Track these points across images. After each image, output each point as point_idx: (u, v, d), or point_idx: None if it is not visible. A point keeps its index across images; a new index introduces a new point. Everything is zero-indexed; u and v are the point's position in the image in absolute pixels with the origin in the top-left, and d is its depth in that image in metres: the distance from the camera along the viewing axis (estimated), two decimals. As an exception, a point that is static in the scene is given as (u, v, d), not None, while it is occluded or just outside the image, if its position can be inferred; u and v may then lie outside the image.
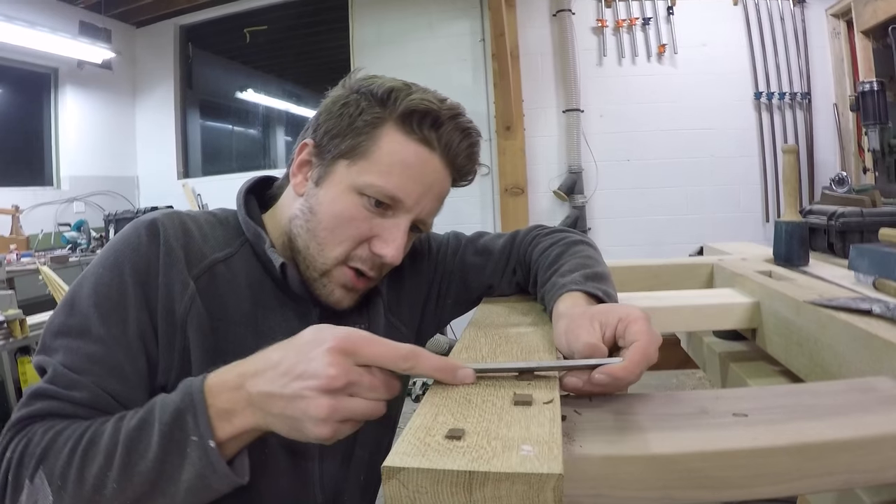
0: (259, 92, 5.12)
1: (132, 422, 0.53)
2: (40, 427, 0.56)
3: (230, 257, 0.72)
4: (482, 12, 4.02)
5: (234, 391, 0.51)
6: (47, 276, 2.77)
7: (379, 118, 0.70)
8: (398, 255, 0.71)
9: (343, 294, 0.74)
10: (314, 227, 0.71)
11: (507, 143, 3.93)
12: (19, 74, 4.13)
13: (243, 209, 0.76)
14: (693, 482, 0.42)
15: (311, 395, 0.47)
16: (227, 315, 0.69)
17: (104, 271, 0.64)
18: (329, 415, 0.47)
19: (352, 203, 0.69)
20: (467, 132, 0.73)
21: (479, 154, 0.77)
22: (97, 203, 4.47)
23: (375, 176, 0.68)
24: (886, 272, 0.85)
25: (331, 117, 0.72)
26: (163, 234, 0.67)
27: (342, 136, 0.70)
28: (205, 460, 0.50)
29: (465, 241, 0.93)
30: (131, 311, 0.63)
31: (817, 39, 3.82)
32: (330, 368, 0.46)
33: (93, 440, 0.53)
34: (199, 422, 0.50)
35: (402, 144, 0.69)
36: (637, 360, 0.50)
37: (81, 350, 0.60)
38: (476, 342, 0.64)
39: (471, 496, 0.36)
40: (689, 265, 1.14)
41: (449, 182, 0.76)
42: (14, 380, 2.98)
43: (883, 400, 0.49)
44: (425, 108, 0.69)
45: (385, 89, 0.70)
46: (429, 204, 0.73)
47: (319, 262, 0.71)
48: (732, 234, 3.78)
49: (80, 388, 0.58)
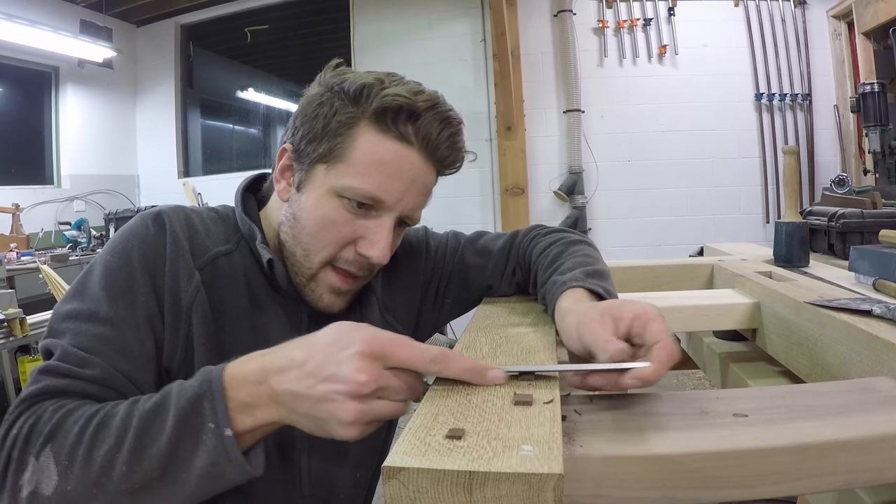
0: (260, 91, 5.12)
1: (146, 405, 0.52)
2: (51, 404, 0.55)
3: (230, 252, 0.73)
4: (483, 12, 4.02)
5: (256, 385, 0.51)
6: (47, 275, 2.77)
7: (353, 118, 0.68)
8: (384, 255, 0.70)
9: (332, 299, 0.74)
10: (298, 234, 0.71)
11: (508, 143, 3.93)
12: (20, 73, 4.13)
13: (240, 206, 0.77)
14: (693, 482, 0.42)
15: (340, 398, 0.47)
16: (226, 307, 0.70)
17: (112, 258, 0.65)
18: (357, 418, 0.47)
19: (332, 207, 0.69)
20: (447, 121, 0.71)
21: (463, 140, 0.75)
22: (97, 202, 4.48)
23: (353, 178, 0.68)
24: (887, 273, 0.85)
25: (307, 120, 0.71)
26: (169, 225, 0.68)
27: (318, 140, 0.69)
28: (220, 448, 0.49)
29: (464, 242, 0.93)
30: (140, 295, 0.64)
31: (818, 41, 3.82)
32: (360, 374, 0.46)
33: (104, 421, 0.52)
34: (217, 409, 0.50)
35: (378, 143, 0.68)
36: (665, 362, 0.49)
37: (91, 331, 0.60)
38: (476, 342, 0.64)
39: (471, 496, 0.36)
40: (690, 266, 1.14)
41: (433, 174, 0.74)
42: (14, 379, 2.97)
43: (883, 400, 0.49)
44: (399, 104, 0.67)
45: (357, 87, 0.68)
46: (412, 199, 0.72)
47: (306, 267, 0.72)
48: (733, 235, 3.78)
49: (90, 366, 0.58)
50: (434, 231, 0.96)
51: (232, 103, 5.25)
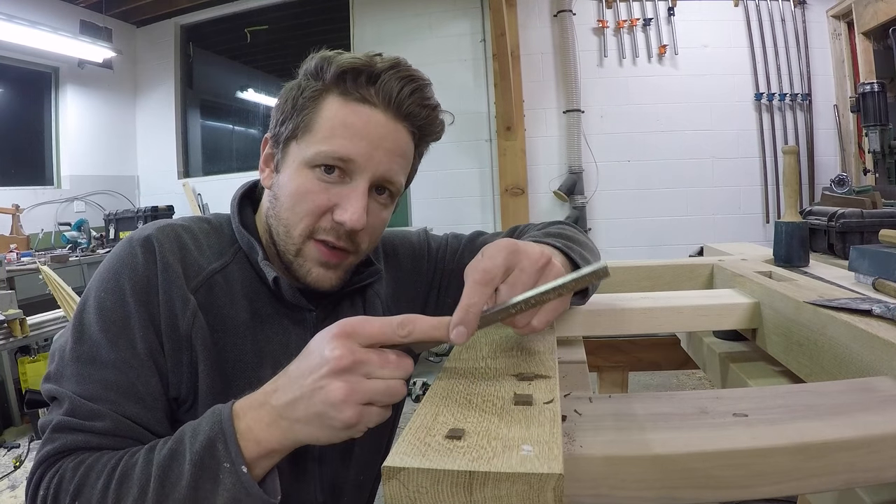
0: (260, 92, 5.12)
1: (163, 452, 0.54)
2: (70, 462, 0.57)
3: (226, 266, 0.72)
4: (483, 12, 4.02)
5: (259, 408, 0.53)
6: (47, 276, 2.77)
7: (317, 91, 0.70)
8: (359, 219, 0.68)
9: (321, 272, 0.72)
10: (279, 212, 0.72)
11: (508, 143, 3.93)
12: (20, 73, 4.13)
13: (237, 217, 0.76)
14: (693, 482, 0.42)
15: (326, 382, 0.48)
16: (225, 326, 0.69)
17: (106, 295, 0.65)
18: (347, 395, 0.48)
19: (306, 178, 0.69)
20: (409, 78, 0.70)
21: (433, 100, 0.73)
22: (97, 202, 4.48)
23: (319, 143, 0.68)
24: (886, 273, 0.85)
25: (279, 106, 0.73)
26: (158, 251, 0.67)
27: (289, 119, 0.71)
28: (238, 485, 0.51)
29: (464, 242, 0.94)
30: (137, 330, 0.63)
31: (818, 41, 3.82)
32: (335, 351, 0.48)
33: (126, 473, 0.54)
34: (231, 449, 0.52)
35: (341, 107, 0.69)
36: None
37: (94, 377, 0.61)
38: (476, 342, 0.64)
39: (471, 496, 0.35)
40: (690, 266, 1.14)
41: (404, 134, 0.72)
42: (14, 379, 2.98)
43: (883, 400, 0.49)
44: (355, 66, 0.68)
45: (317, 60, 0.70)
46: (384, 159, 0.70)
47: (290, 243, 0.71)
48: (733, 235, 3.78)
49: (100, 418, 0.59)
50: (434, 233, 0.96)
51: (232, 104, 5.25)
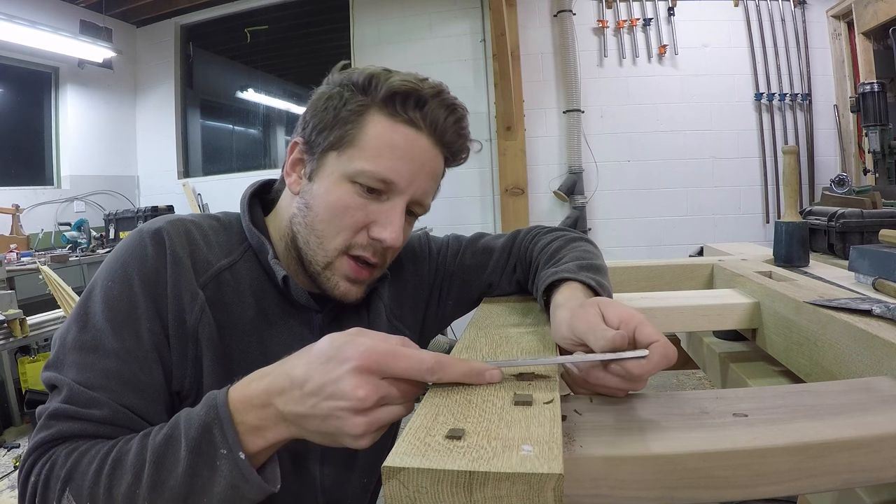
0: (260, 92, 5.12)
1: (157, 437, 0.53)
2: (63, 449, 0.56)
3: (234, 264, 0.72)
4: (483, 12, 4.02)
5: (262, 409, 0.51)
6: (47, 276, 2.77)
7: (363, 105, 0.70)
8: (397, 238, 0.70)
9: (348, 287, 0.73)
10: (311, 221, 0.71)
11: (508, 143, 3.93)
12: (20, 73, 4.13)
13: (247, 216, 0.76)
14: (693, 482, 0.42)
15: (344, 415, 0.47)
16: (232, 323, 0.69)
17: (113, 284, 0.64)
18: (366, 430, 0.47)
19: (345, 192, 0.69)
20: (452, 108, 0.72)
21: (468, 129, 0.76)
22: (97, 202, 4.48)
23: (365, 161, 0.68)
24: (886, 273, 0.85)
25: (317, 113, 0.72)
26: (168, 244, 0.67)
27: (329, 129, 0.70)
28: (236, 472, 0.50)
29: (465, 243, 0.94)
30: (143, 321, 0.63)
31: (818, 41, 3.82)
32: (358, 391, 0.46)
33: (119, 458, 0.53)
34: (227, 435, 0.50)
35: (389, 127, 0.69)
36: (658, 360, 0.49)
37: (96, 365, 0.60)
38: (476, 342, 0.64)
39: (471, 496, 0.35)
40: (690, 266, 1.14)
41: (440, 160, 0.75)
42: (14, 379, 2.98)
43: (883, 400, 0.49)
44: (407, 89, 0.69)
45: (365, 76, 0.70)
46: (422, 184, 0.72)
47: (321, 255, 0.71)
48: (733, 235, 3.78)
49: (98, 406, 0.58)
50: (435, 235, 0.97)
51: (232, 104, 5.24)
